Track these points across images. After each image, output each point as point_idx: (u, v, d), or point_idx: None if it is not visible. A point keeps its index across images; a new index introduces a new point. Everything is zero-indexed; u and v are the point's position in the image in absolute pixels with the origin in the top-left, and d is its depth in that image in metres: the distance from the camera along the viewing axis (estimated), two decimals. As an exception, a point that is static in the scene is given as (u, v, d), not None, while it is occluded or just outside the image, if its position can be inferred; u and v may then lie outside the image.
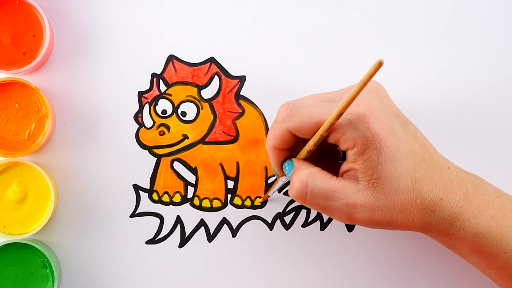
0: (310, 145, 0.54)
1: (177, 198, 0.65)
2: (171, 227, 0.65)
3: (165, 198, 0.65)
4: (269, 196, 0.64)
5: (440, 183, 0.53)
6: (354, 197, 0.53)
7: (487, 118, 0.65)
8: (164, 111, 0.64)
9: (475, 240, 0.54)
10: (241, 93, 0.65)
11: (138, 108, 0.64)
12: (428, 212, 0.53)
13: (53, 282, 0.61)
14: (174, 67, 0.64)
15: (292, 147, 0.56)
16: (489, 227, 0.54)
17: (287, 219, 0.65)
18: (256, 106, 0.65)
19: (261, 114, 0.65)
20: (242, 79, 0.65)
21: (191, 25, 0.65)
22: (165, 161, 0.65)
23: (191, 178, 0.65)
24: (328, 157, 0.59)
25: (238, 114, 0.65)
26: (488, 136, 0.65)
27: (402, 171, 0.52)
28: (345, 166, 0.54)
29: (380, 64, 0.46)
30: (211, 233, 0.65)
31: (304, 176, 0.54)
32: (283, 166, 0.57)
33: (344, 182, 0.53)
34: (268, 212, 0.65)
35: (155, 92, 0.64)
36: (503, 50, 0.65)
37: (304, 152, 0.55)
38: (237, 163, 0.65)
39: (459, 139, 0.65)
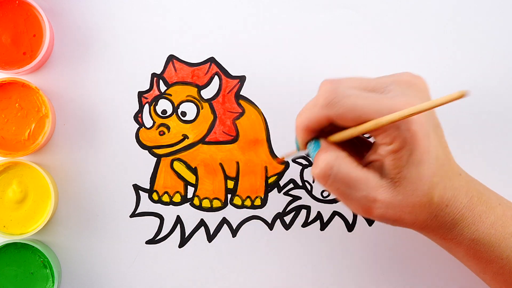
0: (346, 136, 0.53)
1: (177, 198, 0.65)
2: (171, 227, 0.65)
3: (165, 198, 0.65)
4: (283, 159, 0.63)
5: (450, 190, 0.53)
6: (375, 192, 0.52)
7: (487, 118, 0.65)
8: (164, 111, 0.64)
9: (472, 246, 0.54)
10: (241, 93, 0.65)
11: (138, 108, 0.64)
12: (432, 216, 0.53)
13: (53, 282, 0.61)
14: (174, 67, 0.64)
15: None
16: (487, 234, 0.54)
17: (287, 219, 0.65)
18: (256, 106, 0.65)
19: (261, 114, 0.65)
20: (242, 79, 0.65)
21: (191, 25, 0.65)
22: (165, 161, 0.65)
23: (191, 178, 0.65)
24: (352, 141, 0.58)
25: (238, 114, 0.65)
26: (489, 137, 0.65)
27: (424, 175, 0.52)
28: (372, 156, 0.53)
29: (461, 95, 0.46)
30: (211, 233, 0.65)
31: (331, 158, 0.53)
32: (308, 144, 0.55)
33: (369, 174, 0.53)
34: (268, 212, 0.65)
35: (155, 92, 0.64)
36: (506, 49, 0.65)
37: (336, 138, 0.54)
38: (237, 163, 0.65)
39: (459, 139, 0.65)
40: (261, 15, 0.65)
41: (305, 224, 0.65)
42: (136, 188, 0.65)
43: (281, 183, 0.65)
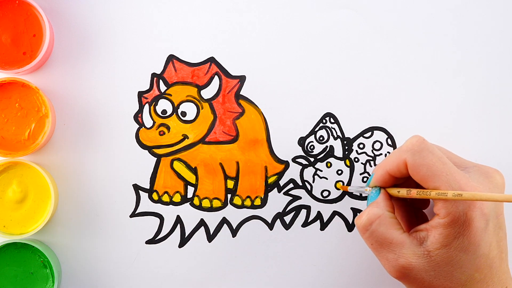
0: (410, 194, 0.54)
1: (177, 198, 0.65)
2: (171, 227, 0.65)
3: (165, 198, 0.65)
4: (347, 188, 0.64)
5: None
6: (406, 259, 0.53)
7: (488, 118, 0.65)
8: (164, 111, 0.64)
9: None
10: (241, 93, 0.65)
11: (138, 108, 0.64)
12: None
13: (53, 282, 0.61)
14: (174, 67, 0.64)
15: (398, 179, 0.56)
16: None
17: (287, 219, 0.65)
18: (256, 106, 0.65)
19: (261, 114, 0.65)
20: (242, 79, 0.65)
21: (191, 25, 0.65)
22: (165, 161, 0.65)
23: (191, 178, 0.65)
24: (412, 207, 0.59)
25: (238, 114, 0.65)
26: (490, 137, 0.65)
27: (465, 264, 0.52)
28: (422, 225, 0.54)
29: None
30: (211, 233, 0.65)
31: (374, 215, 0.55)
32: (372, 189, 0.57)
33: (407, 239, 0.53)
34: (268, 212, 0.65)
35: (155, 92, 0.64)
36: (506, 49, 0.65)
37: (398, 193, 0.56)
38: (237, 163, 0.65)
39: (459, 140, 0.65)
40: (261, 15, 0.65)
41: (305, 224, 0.65)
42: (136, 188, 0.65)
43: (281, 183, 0.65)
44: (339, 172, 0.65)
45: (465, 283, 0.52)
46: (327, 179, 0.65)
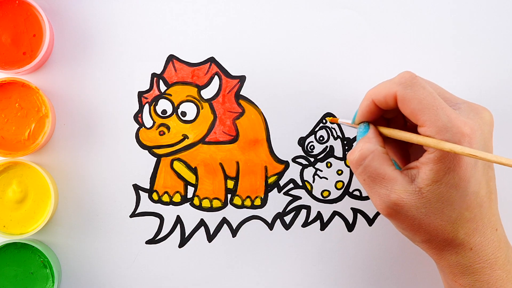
0: (396, 135, 0.54)
1: (177, 198, 0.65)
2: (171, 227, 0.65)
3: (165, 198, 0.65)
4: (337, 120, 0.62)
5: (479, 236, 0.53)
6: (398, 195, 0.52)
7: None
8: (164, 111, 0.64)
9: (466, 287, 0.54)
10: (241, 93, 0.65)
11: (138, 108, 0.64)
12: (450, 250, 0.53)
13: (53, 282, 0.61)
14: (174, 67, 0.64)
15: (385, 112, 0.56)
16: None
17: (287, 219, 0.65)
18: (256, 106, 0.65)
19: (261, 114, 0.65)
20: (242, 79, 0.65)
21: (191, 25, 0.65)
22: (165, 161, 0.65)
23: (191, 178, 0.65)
24: (401, 144, 0.59)
25: (238, 114, 0.65)
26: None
27: (455, 201, 0.52)
28: (413, 163, 0.53)
29: None
30: (211, 233, 0.65)
31: (367, 150, 0.54)
32: (360, 124, 0.56)
33: (399, 176, 0.53)
34: (268, 212, 0.65)
35: (155, 92, 0.64)
36: (506, 49, 0.65)
37: (387, 132, 0.55)
38: (237, 163, 0.65)
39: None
40: (261, 15, 0.65)
41: (305, 224, 0.65)
42: (136, 188, 0.65)
43: (281, 183, 0.65)
44: (339, 172, 0.65)
45: (455, 221, 0.52)
46: (327, 179, 0.65)
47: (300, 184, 0.65)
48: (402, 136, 0.54)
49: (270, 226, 0.65)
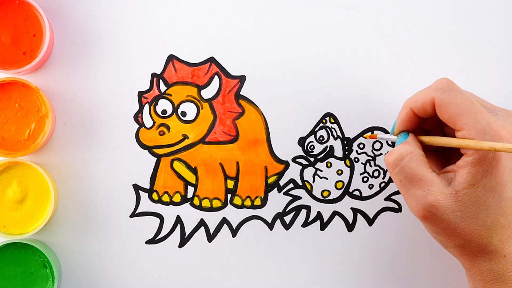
0: (435, 141, 0.54)
1: (177, 198, 0.65)
2: (171, 227, 0.65)
3: (165, 198, 0.65)
4: (376, 136, 0.63)
5: None
6: (434, 197, 0.52)
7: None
8: (164, 111, 0.64)
9: None
10: (241, 93, 0.65)
11: (138, 108, 0.64)
12: (483, 256, 0.53)
13: (53, 282, 0.61)
14: (174, 67, 0.64)
15: (423, 122, 0.56)
16: None
17: (287, 219, 0.65)
18: (256, 106, 0.65)
19: (261, 114, 0.65)
20: (242, 79, 0.65)
21: (191, 25, 0.65)
22: (165, 161, 0.65)
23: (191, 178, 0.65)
24: (441, 151, 0.59)
25: (238, 114, 0.65)
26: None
27: (491, 206, 0.52)
28: (450, 167, 0.53)
29: None
30: (211, 233, 0.65)
31: (406, 151, 0.54)
32: (400, 134, 0.57)
33: (436, 178, 0.53)
34: (268, 212, 0.65)
35: (155, 92, 0.64)
36: (506, 49, 0.65)
37: (426, 139, 0.55)
38: (237, 163, 0.65)
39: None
40: (261, 15, 0.65)
41: (305, 224, 0.65)
42: (136, 188, 0.65)
43: (281, 183, 0.65)
44: (339, 172, 0.65)
45: (490, 227, 0.52)
46: (327, 179, 0.65)
47: (300, 184, 0.65)
48: (442, 142, 0.54)
49: (270, 226, 0.65)
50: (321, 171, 0.65)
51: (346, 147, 0.65)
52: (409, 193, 0.54)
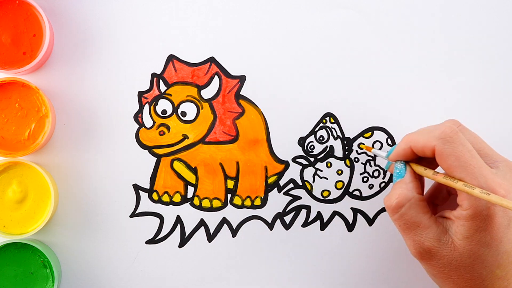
0: (435, 178, 0.54)
1: (177, 198, 0.65)
2: (171, 227, 0.65)
3: (165, 198, 0.65)
4: (371, 149, 0.63)
5: None
6: (431, 243, 0.53)
7: (489, 118, 0.65)
8: (164, 111, 0.64)
9: None
10: (241, 93, 0.65)
11: (138, 108, 0.64)
12: None
13: (53, 282, 0.61)
14: (174, 67, 0.64)
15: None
16: None
17: (287, 219, 0.65)
18: (256, 106, 0.65)
19: (261, 114, 0.65)
20: (242, 79, 0.65)
21: (191, 25, 0.65)
22: (165, 161, 0.65)
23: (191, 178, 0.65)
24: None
25: (238, 114, 0.65)
26: (491, 136, 0.65)
27: (487, 259, 0.52)
28: (448, 213, 0.54)
29: None
30: (211, 233, 0.65)
31: (404, 199, 0.54)
32: (396, 163, 0.57)
33: (433, 225, 0.54)
34: (268, 212, 0.65)
35: (155, 92, 0.64)
36: (506, 49, 0.65)
37: (425, 173, 0.56)
38: (237, 163, 0.65)
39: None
40: (261, 15, 0.65)
41: (305, 224, 0.65)
42: (136, 188, 0.65)
43: (281, 183, 0.65)
44: (339, 172, 0.65)
45: (485, 278, 0.52)
46: (327, 179, 0.65)
47: (300, 184, 0.65)
48: (438, 180, 0.54)
49: (270, 226, 0.65)
50: (321, 171, 0.65)
51: (346, 147, 0.65)
52: (408, 236, 0.55)
